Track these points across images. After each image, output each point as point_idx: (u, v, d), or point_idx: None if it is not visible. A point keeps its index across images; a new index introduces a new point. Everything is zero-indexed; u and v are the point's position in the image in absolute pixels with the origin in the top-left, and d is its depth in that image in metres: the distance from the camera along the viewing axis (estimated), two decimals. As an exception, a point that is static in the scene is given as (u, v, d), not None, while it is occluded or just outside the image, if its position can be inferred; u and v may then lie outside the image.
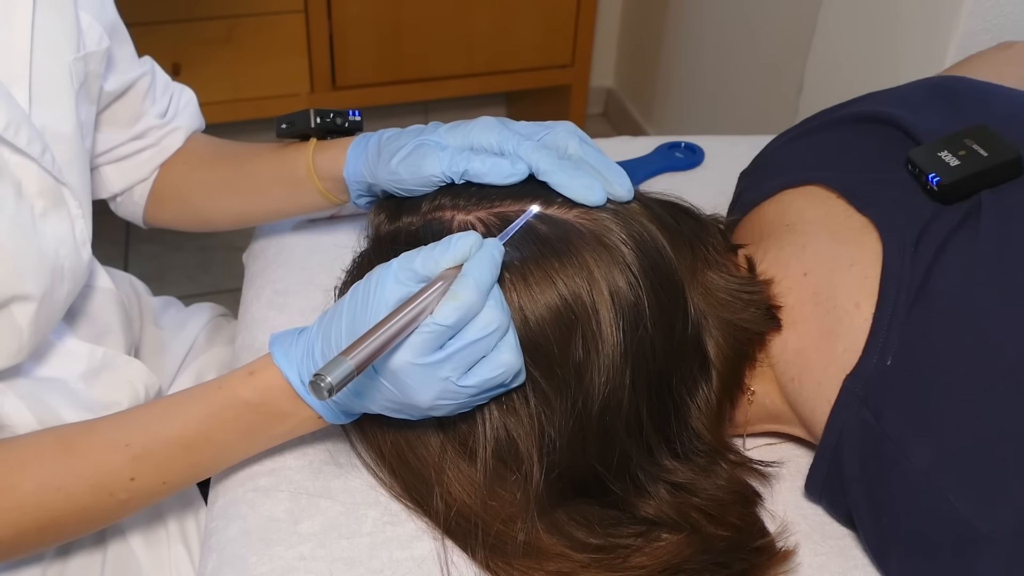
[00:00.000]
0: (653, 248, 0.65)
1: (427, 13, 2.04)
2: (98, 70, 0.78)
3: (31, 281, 0.69)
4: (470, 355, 0.57)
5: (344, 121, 0.82)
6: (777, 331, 0.70)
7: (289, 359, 0.62)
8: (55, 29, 0.72)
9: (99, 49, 0.77)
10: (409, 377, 0.57)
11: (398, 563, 0.66)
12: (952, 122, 0.74)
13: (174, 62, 1.93)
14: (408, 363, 0.56)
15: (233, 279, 2.04)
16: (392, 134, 0.73)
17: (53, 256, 0.71)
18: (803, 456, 0.76)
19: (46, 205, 0.71)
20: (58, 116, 0.72)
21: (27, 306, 0.69)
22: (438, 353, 0.56)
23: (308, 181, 0.81)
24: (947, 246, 0.66)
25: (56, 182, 0.72)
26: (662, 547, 0.65)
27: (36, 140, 0.69)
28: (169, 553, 0.83)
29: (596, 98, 2.69)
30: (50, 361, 0.79)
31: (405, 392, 0.58)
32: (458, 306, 0.55)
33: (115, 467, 0.63)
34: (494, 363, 0.57)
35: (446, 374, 0.56)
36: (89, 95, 0.78)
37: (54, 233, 0.72)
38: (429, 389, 0.57)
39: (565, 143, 0.66)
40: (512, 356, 0.58)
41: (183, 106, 0.93)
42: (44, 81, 0.71)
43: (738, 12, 1.97)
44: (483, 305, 0.57)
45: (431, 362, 0.56)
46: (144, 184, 0.91)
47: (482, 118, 0.68)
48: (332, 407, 0.63)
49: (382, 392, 0.59)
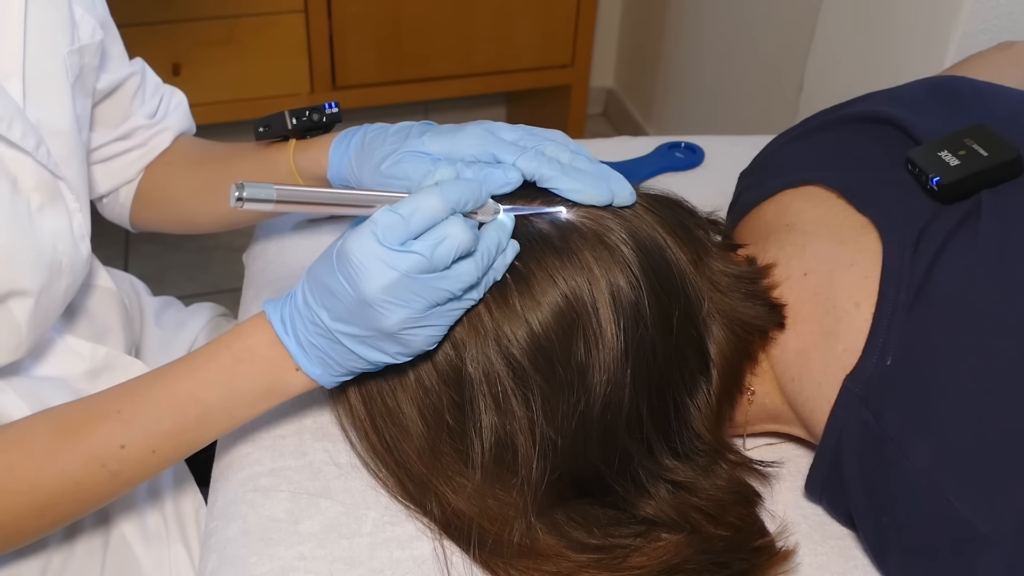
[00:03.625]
0: (654, 248, 0.65)
1: (427, 13, 2.04)
2: (93, 63, 0.77)
3: (28, 276, 0.69)
4: (430, 260, 0.56)
5: (321, 116, 0.81)
6: (780, 329, 0.70)
7: (274, 308, 0.62)
8: (48, 23, 0.72)
9: (93, 41, 0.77)
10: (361, 259, 0.56)
11: (398, 563, 0.66)
12: (952, 122, 0.74)
13: (174, 62, 1.93)
14: (360, 245, 0.56)
15: (233, 279, 2.04)
16: (375, 134, 0.72)
17: (51, 251, 0.71)
18: (803, 456, 0.76)
19: (43, 199, 0.71)
20: (53, 110, 0.72)
21: (24, 301, 0.69)
22: (395, 243, 0.56)
23: (291, 182, 0.80)
24: (947, 246, 0.66)
25: (52, 176, 0.71)
26: (662, 547, 0.65)
27: (30, 134, 0.68)
28: (169, 553, 0.82)
29: (596, 98, 2.69)
30: (52, 360, 0.79)
31: (356, 278, 0.56)
32: (414, 200, 0.56)
33: (105, 435, 0.63)
34: (452, 273, 0.57)
35: (399, 266, 0.56)
36: (85, 88, 0.77)
37: (51, 227, 0.72)
38: (380, 276, 0.56)
39: (557, 155, 0.65)
40: (471, 268, 0.58)
41: (173, 108, 0.92)
42: (38, 75, 0.71)
43: (738, 12, 1.97)
44: (445, 215, 0.57)
45: (385, 248, 0.56)
46: (130, 186, 0.91)
47: (469, 125, 0.67)
48: (306, 353, 0.61)
49: (333, 288, 0.58)
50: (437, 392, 0.63)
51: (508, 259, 0.61)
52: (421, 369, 0.63)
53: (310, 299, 0.59)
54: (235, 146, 0.89)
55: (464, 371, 0.61)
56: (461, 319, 0.61)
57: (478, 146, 0.65)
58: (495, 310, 0.61)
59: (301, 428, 0.76)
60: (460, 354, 0.61)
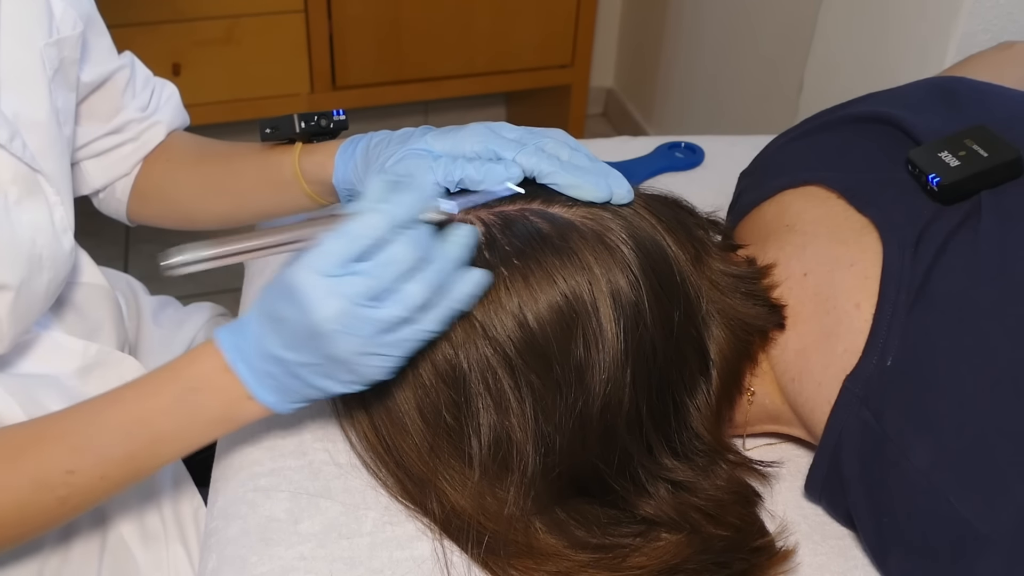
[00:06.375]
0: (654, 247, 0.65)
1: (427, 13, 2.04)
2: (74, 55, 0.77)
3: (6, 270, 0.68)
4: (375, 280, 0.55)
5: (329, 122, 0.82)
6: (780, 329, 0.70)
7: (227, 335, 0.61)
8: (24, 15, 0.71)
9: (73, 34, 0.76)
10: (304, 286, 0.55)
11: (398, 563, 0.66)
12: (952, 122, 0.74)
13: (174, 62, 1.93)
14: (302, 271, 0.55)
15: (233, 279, 2.03)
16: (380, 140, 0.72)
17: (29, 244, 0.70)
18: (803, 456, 0.76)
19: (20, 193, 0.70)
20: (30, 102, 0.71)
21: (3, 295, 0.69)
22: (337, 268, 0.55)
23: (295, 184, 0.80)
24: (947, 247, 0.66)
25: (30, 170, 0.71)
26: (661, 547, 0.65)
27: (4, 127, 0.68)
28: (167, 553, 0.82)
29: (596, 98, 2.69)
30: (42, 357, 0.78)
31: (301, 305, 0.55)
32: (355, 221, 0.55)
33: (53, 459, 0.61)
34: (400, 295, 0.55)
35: (342, 290, 0.54)
36: (67, 81, 0.77)
37: (30, 221, 0.71)
38: (325, 302, 0.54)
39: (556, 152, 0.65)
40: (419, 288, 0.55)
41: (164, 101, 0.92)
42: (12, 67, 0.70)
43: (738, 12, 1.97)
44: (388, 231, 0.55)
45: (328, 273, 0.54)
46: (126, 180, 0.90)
47: (471, 125, 0.67)
48: (259, 381, 0.60)
49: (281, 315, 0.56)
50: (436, 390, 0.62)
51: (467, 289, 0.58)
52: (420, 367, 0.63)
53: (260, 327, 0.59)
54: (237, 145, 0.89)
55: (462, 370, 0.61)
56: (458, 321, 0.60)
57: (480, 143, 0.65)
58: (495, 310, 0.61)
59: (301, 428, 0.76)
60: (459, 353, 0.61)
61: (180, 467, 0.87)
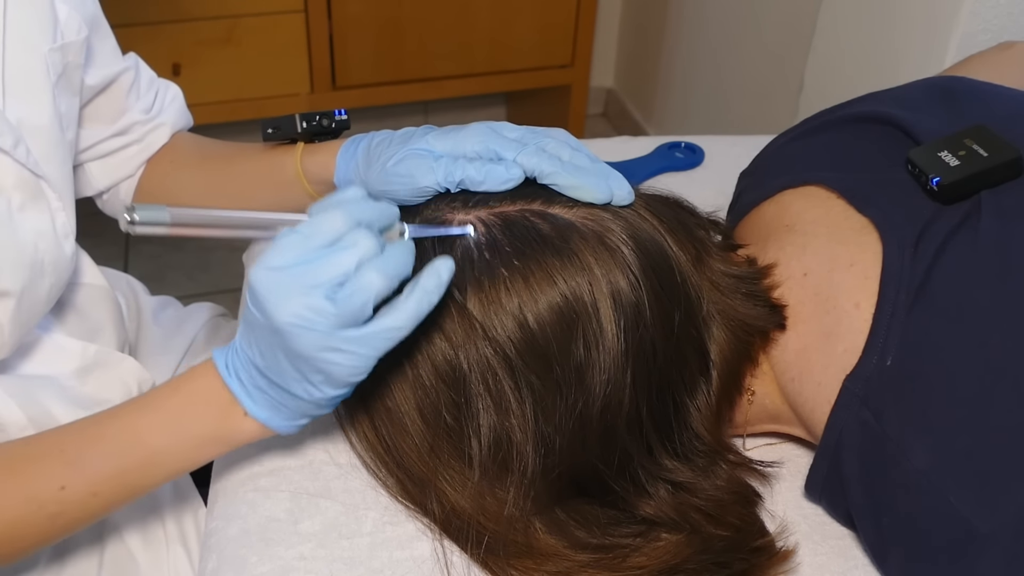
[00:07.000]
0: (654, 248, 0.65)
1: (427, 13, 2.05)
2: (78, 60, 0.77)
3: (8, 276, 0.68)
4: (328, 271, 0.54)
5: (331, 122, 0.81)
6: (780, 330, 0.70)
7: (220, 353, 0.61)
8: (28, 20, 0.71)
9: (77, 39, 0.76)
10: (263, 284, 0.54)
11: (398, 563, 0.66)
12: (952, 122, 0.74)
13: (174, 62, 1.93)
14: (262, 268, 0.54)
15: (233, 279, 2.04)
16: (381, 140, 0.72)
17: (32, 250, 0.71)
18: (803, 456, 0.76)
19: (23, 198, 0.70)
20: (34, 108, 0.72)
21: (5, 302, 0.69)
22: (291, 264, 0.54)
23: (297, 184, 0.80)
24: (947, 246, 0.66)
25: (33, 175, 0.71)
26: (661, 547, 0.65)
27: (8, 133, 0.68)
28: (167, 554, 0.82)
29: (596, 98, 2.69)
30: (41, 358, 0.78)
31: (263, 305, 0.54)
32: (315, 219, 0.55)
33: (46, 475, 0.61)
34: (356, 284, 0.54)
35: (299, 283, 0.54)
36: (70, 86, 0.77)
37: (33, 227, 0.71)
38: (279, 298, 0.53)
39: (557, 152, 0.65)
40: (375, 276, 0.54)
41: (169, 102, 0.92)
42: (17, 73, 0.70)
43: (738, 12, 1.97)
44: (346, 229, 0.55)
45: (282, 266, 0.54)
46: (130, 181, 0.90)
47: (472, 124, 0.67)
48: (252, 396, 0.60)
49: (251, 321, 0.56)
50: (435, 391, 0.63)
51: (432, 279, 0.57)
52: (420, 368, 0.63)
53: (242, 337, 0.59)
54: (239, 146, 0.89)
55: (462, 370, 0.61)
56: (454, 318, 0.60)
57: (481, 143, 0.65)
58: (495, 310, 0.61)
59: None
60: (459, 353, 0.61)
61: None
